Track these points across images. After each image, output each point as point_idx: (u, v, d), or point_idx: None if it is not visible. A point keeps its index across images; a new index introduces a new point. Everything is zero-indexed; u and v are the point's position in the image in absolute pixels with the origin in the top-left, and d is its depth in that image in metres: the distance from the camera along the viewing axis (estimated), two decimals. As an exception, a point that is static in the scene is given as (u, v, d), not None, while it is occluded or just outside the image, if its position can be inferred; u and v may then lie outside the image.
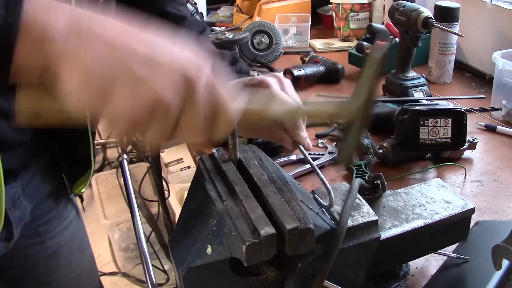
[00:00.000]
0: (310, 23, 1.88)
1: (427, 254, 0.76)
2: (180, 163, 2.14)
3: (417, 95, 1.29)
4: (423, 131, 1.00)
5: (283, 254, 0.52)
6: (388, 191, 0.71)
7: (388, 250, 0.63)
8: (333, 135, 1.17)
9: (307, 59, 1.57)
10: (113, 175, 2.42)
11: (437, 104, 1.11)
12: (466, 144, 1.04)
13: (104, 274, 2.26)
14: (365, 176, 0.97)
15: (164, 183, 1.67)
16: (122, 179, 2.33)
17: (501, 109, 1.25)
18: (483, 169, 1.05)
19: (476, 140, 1.07)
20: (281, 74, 0.80)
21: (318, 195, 0.63)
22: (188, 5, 1.91)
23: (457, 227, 0.70)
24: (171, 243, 0.58)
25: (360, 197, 0.62)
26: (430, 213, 0.67)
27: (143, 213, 2.09)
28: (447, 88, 1.46)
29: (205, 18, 2.16)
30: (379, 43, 0.57)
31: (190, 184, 0.65)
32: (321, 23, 2.10)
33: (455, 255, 0.75)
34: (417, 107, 1.03)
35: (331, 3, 1.91)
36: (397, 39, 1.50)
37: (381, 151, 1.03)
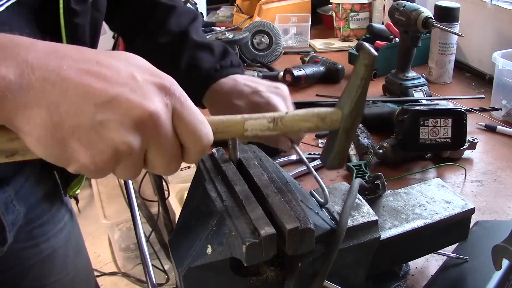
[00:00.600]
0: (310, 23, 1.89)
1: (427, 254, 0.76)
2: (180, 163, 2.14)
3: (417, 95, 1.29)
4: (423, 131, 1.00)
5: (283, 254, 0.52)
6: (388, 191, 0.71)
7: (388, 250, 0.63)
8: (333, 135, 1.17)
9: (307, 59, 1.57)
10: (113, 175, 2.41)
11: (437, 104, 1.11)
12: (466, 144, 1.04)
13: (104, 274, 2.26)
14: (365, 176, 0.97)
15: (164, 183, 1.68)
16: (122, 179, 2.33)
17: (501, 109, 1.25)
18: (483, 169, 1.05)
19: (476, 140, 1.07)
20: (286, 88, 0.76)
21: (318, 195, 0.63)
22: (188, 5, 1.91)
23: (457, 227, 0.70)
24: (171, 243, 0.58)
25: (360, 197, 0.62)
26: (430, 213, 0.67)
27: (143, 213, 2.09)
28: (447, 88, 1.46)
29: (205, 18, 2.16)
30: (366, 47, 0.55)
31: (190, 184, 0.65)
32: (321, 23, 2.10)
33: (455, 255, 0.75)
34: (417, 107, 1.03)
35: (331, 3, 1.91)
36: (397, 39, 1.50)
37: (381, 151, 1.03)
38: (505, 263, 0.63)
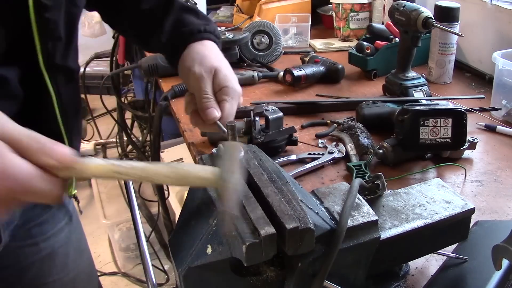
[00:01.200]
0: (310, 23, 1.88)
1: (427, 254, 0.76)
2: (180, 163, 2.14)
3: (417, 95, 1.29)
4: (423, 131, 1.00)
5: (283, 254, 0.52)
6: (388, 191, 0.71)
7: (388, 250, 0.63)
8: (333, 135, 1.17)
9: (307, 59, 1.57)
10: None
11: (437, 104, 1.11)
12: (466, 144, 1.04)
13: (104, 274, 2.26)
14: (365, 176, 0.97)
15: (164, 183, 1.66)
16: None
17: (501, 109, 1.25)
18: (483, 169, 1.05)
19: (476, 140, 1.07)
20: (240, 90, 0.78)
21: (318, 195, 0.63)
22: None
23: (457, 227, 0.70)
24: (171, 243, 0.58)
25: (360, 197, 0.62)
26: (430, 213, 0.67)
27: (143, 213, 2.10)
28: (447, 88, 1.46)
29: (205, 18, 2.16)
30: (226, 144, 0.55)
31: (190, 184, 0.65)
32: (321, 23, 2.10)
33: (454, 255, 0.75)
34: (417, 107, 1.03)
35: (331, 3, 1.91)
36: (397, 39, 1.50)
37: (381, 151, 1.03)
38: (505, 263, 0.63)
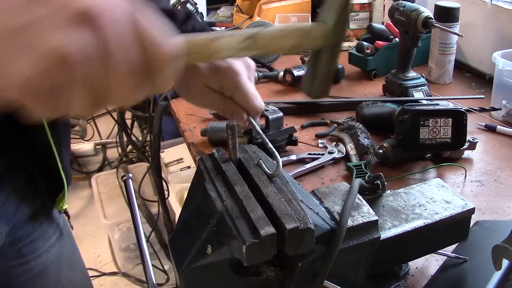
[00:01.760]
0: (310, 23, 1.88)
1: (427, 254, 0.76)
2: (180, 163, 2.14)
3: (417, 95, 1.29)
4: (423, 131, 1.00)
5: (283, 254, 0.52)
6: (388, 191, 0.71)
7: (388, 250, 0.63)
8: (333, 135, 1.17)
9: (307, 59, 1.57)
10: (113, 175, 2.42)
11: (437, 104, 1.11)
12: (466, 144, 1.04)
13: (104, 274, 2.26)
14: (365, 176, 0.97)
15: (164, 183, 1.67)
16: (122, 179, 2.33)
17: (501, 109, 1.25)
18: (483, 169, 1.05)
19: (476, 140, 1.07)
20: (251, 60, 0.66)
21: (318, 195, 0.63)
22: (188, 5, 1.91)
23: (457, 227, 0.70)
24: (171, 243, 0.58)
25: (360, 197, 0.62)
26: (430, 213, 0.67)
27: (143, 213, 2.09)
28: (447, 88, 1.46)
29: (205, 18, 2.16)
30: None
31: (190, 184, 0.65)
32: (321, 23, 2.10)
33: (454, 255, 0.75)
34: (417, 107, 1.03)
35: (331, 3, 1.91)
36: (397, 39, 1.50)
37: (381, 151, 1.03)
38: (505, 263, 0.63)
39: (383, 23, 1.71)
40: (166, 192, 1.75)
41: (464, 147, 1.04)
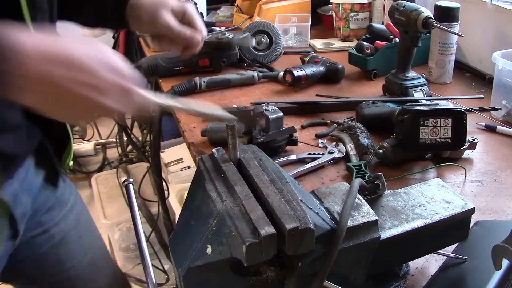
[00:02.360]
0: (310, 23, 1.88)
1: (427, 254, 0.76)
2: (180, 163, 2.14)
3: (417, 95, 1.29)
4: (423, 131, 1.00)
5: (283, 254, 0.52)
6: (388, 191, 0.71)
7: (388, 250, 0.63)
8: (333, 135, 1.17)
9: (307, 59, 1.57)
10: (113, 175, 2.42)
11: (437, 104, 1.11)
12: (466, 144, 1.04)
13: (104, 274, 2.26)
14: (365, 176, 0.97)
15: (164, 183, 1.67)
16: (122, 179, 2.33)
17: (501, 109, 1.25)
18: (483, 169, 1.05)
19: (476, 140, 1.07)
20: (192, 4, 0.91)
21: (318, 195, 0.63)
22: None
23: (457, 227, 0.70)
24: (171, 243, 0.58)
25: (360, 197, 0.62)
26: (430, 213, 0.67)
27: (143, 213, 2.09)
28: (447, 88, 1.46)
29: (205, 18, 2.16)
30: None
31: (190, 184, 0.65)
32: (321, 23, 2.10)
33: (454, 255, 0.75)
34: (417, 107, 1.03)
35: (331, 3, 1.91)
36: (397, 39, 1.50)
37: (381, 151, 1.03)
38: (505, 263, 0.63)
39: (383, 23, 1.71)
40: (166, 192, 1.74)
41: (464, 147, 1.04)
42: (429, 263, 0.79)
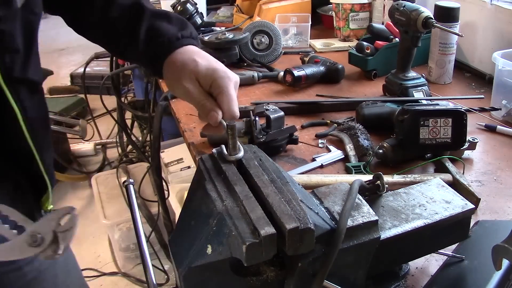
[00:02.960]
0: (310, 23, 1.88)
1: (427, 254, 0.76)
2: (180, 163, 2.14)
3: (417, 95, 1.29)
4: (423, 131, 1.00)
5: (283, 254, 0.52)
6: (388, 191, 0.71)
7: (388, 250, 0.63)
8: (333, 135, 1.17)
9: (307, 59, 1.57)
10: (113, 175, 2.42)
11: (437, 104, 1.11)
12: (466, 144, 1.04)
13: (104, 274, 2.26)
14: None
15: (164, 183, 1.66)
16: (122, 179, 2.33)
17: (501, 109, 1.25)
18: (483, 169, 1.05)
19: (476, 140, 1.07)
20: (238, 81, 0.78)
21: (318, 195, 0.63)
22: (188, 5, 1.90)
23: (457, 227, 0.70)
24: (171, 243, 0.58)
25: (360, 197, 0.62)
26: (430, 213, 0.67)
27: (143, 213, 2.09)
28: (447, 88, 1.46)
29: (205, 18, 2.16)
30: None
31: (190, 184, 0.65)
32: (321, 23, 2.10)
33: (454, 254, 0.75)
34: (417, 107, 1.03)
35: (331, 3, 1.91)
36: (397, 39, 1.50)
37: (381, 151, 1.03)
38: (505, 263, 0.63)
39: (383, 23, 1.71)
40: (166, 192, 1.74)
41: (464, 147, 1.04)
42: (429, 263, 0.79)
